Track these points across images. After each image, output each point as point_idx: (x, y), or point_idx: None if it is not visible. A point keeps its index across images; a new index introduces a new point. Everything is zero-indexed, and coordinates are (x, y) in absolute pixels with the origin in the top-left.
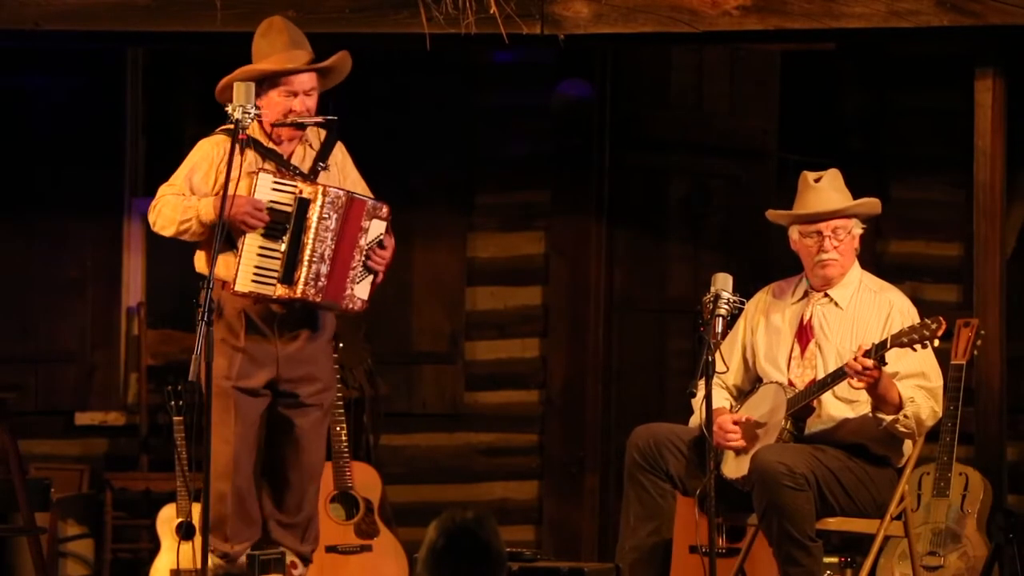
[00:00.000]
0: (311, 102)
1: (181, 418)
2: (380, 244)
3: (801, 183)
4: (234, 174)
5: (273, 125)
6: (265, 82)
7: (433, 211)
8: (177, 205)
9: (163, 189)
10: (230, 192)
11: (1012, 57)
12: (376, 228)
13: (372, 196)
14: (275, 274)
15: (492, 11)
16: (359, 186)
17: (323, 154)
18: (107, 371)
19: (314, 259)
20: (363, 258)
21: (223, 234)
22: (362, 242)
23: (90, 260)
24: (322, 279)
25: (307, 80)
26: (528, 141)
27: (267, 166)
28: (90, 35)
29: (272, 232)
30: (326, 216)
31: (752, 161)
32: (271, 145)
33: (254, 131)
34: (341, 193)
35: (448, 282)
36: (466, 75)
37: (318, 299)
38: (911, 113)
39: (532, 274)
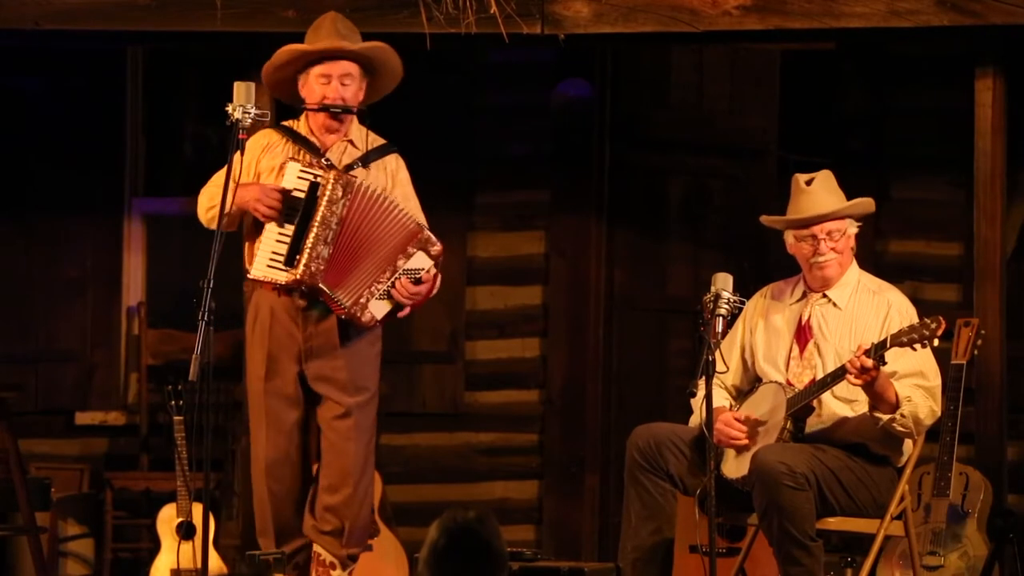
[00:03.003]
0: (347, 92)
1: (181, 418)
2: (416, 280)
3: (793, 187)
4: (269, 165)
5: (300, 108)
6: (304, 69)
7: (433, 211)
8: (209, 193)
9: (209, 181)
10: (230, 192)
11: (1012, 57)
12: (419, 260)
13: (441, 244)
14: (283, 258)
15: (492, 11)
16: (408, 203)
17: (367, 156)
18: (107, 371)
19: (318, 242)
20: (392, 277)
21: (223, 233)
22: (399, 262)
23: (90, 260)
24: (322, 262)
25: (341, 66)
26: (528, 141)
27: (300, 156)
28: (90, 35)
29: (290, 218)
30: (335, 200)
31: (752, 161)
32: (311, 138)
33: (299, 124)
34: (355, 181)
35: (448, 281)
36: (466, 75)
37: (314, 282)
38: (911, 113)
39: (532, 274)
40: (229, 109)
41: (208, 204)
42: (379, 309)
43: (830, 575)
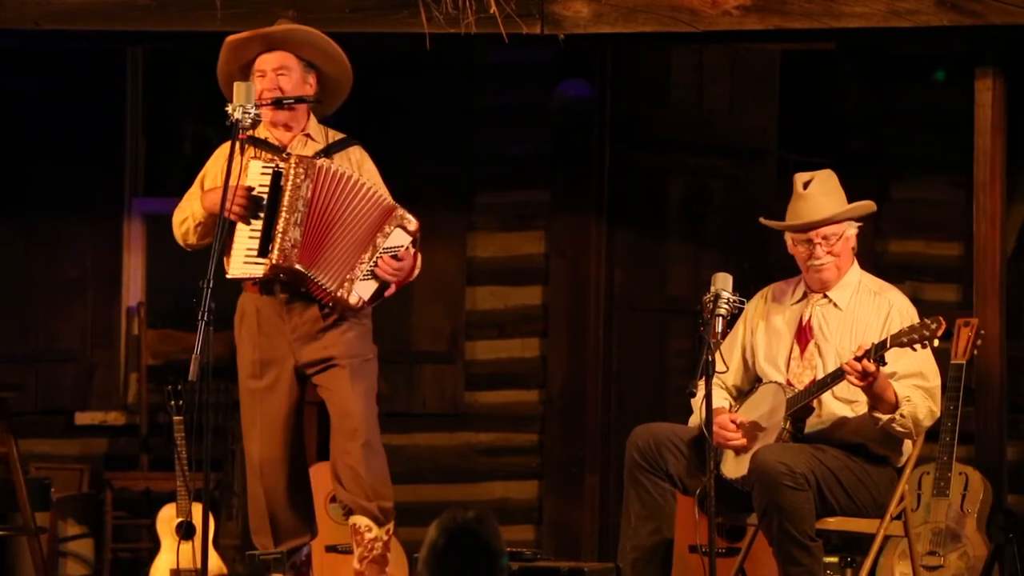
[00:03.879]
0: (286, 84)
1: (181, 418)
2: (394, 256)
3: (793, 188)
4: (234, 172)
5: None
6: (246, 72)
7: (433, 211)
8: (180, 208)
9: (183, 199)
10: (194, 199)
11: (1012, 57)
12: (398, 238)
13: (417, 221)
14: (257, 252)
15: (492, 11)
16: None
17: (330, 148)
18: (107, 371)
19: (289, 227)
20: (374, 256)
21: (223, 232)
22: (379, 241)
23: (90, 260)
24: (297, 245)
25: (276, 59)
26: (528, 141)
27: (260, 155)
28: (90, 35)
29: (258, 214)
30: (298, 184)
31: (752, 161)
32: (267, 136)
33: (258, 130)
34: (317, 162)
35: (448, 282)
36: (466, 75)
37: (290, 264)
38: (911, 113)
39: (532, 274)
40: (229, 109)
41: (180, 219)
42: (365, 290)
43: (829, 575)
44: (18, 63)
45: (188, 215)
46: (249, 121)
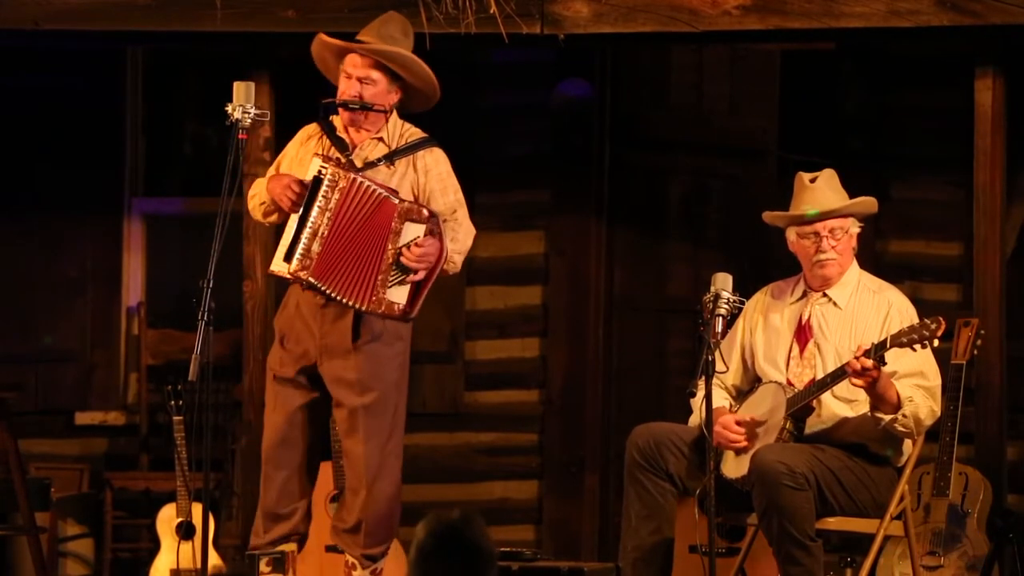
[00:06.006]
0: (367, 93)
1: (181, 418)
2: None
3: (797, 184)
4: (299, 156)
5: (322, 104)
6: (339, 60)
7: None
8: (255, 183)
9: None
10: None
11: (1012, 57)
12: (411, 232)
13: (428, 209)
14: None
15: (492, 11)
16: (445, 197)
17: (394, 153)
18: (107, 371)
19: (311, 238)
20: (395, 258)
21: (224, 231)
22: (390, 245)
23: (90, 260)
24: (312, 257)
25: (358, 63)
26: (528, 141)
27: (326, 151)
28: (90, 35)
29: (302, 211)
30: (329, 196)
31: (752, 161)
32: (343, 135)
33: (338, 120)
34: (347, 175)
35: (448, 281)
36: (466, 75)
37: (306, 277)
38: (911, 113)
39: (532, 274)
40: (229, 109)
41: (252, 193)
42: (399, 294)
43: (830, 575)
44: (18, 63)
45: (257, 192)
46: (249, 121)
